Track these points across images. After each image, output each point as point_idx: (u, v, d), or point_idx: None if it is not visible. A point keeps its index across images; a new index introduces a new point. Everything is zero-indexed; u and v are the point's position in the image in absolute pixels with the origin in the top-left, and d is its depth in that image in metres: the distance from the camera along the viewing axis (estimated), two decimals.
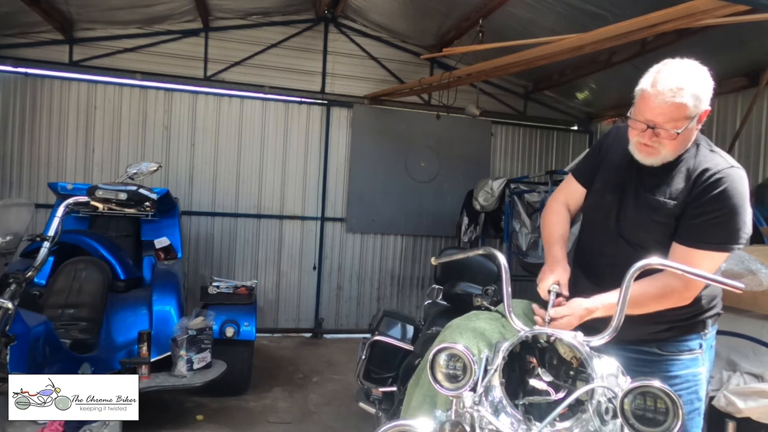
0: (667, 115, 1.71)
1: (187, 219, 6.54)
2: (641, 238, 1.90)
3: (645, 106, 1.75)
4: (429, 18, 6.43)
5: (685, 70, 1.74)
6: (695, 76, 1.74)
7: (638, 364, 1.89)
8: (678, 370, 1.93)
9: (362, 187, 7.16)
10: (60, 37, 6.14)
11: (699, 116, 1.75)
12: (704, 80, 1.75)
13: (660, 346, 1.94)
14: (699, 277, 1.56)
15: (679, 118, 1.71)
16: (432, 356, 1.63)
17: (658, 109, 1.72)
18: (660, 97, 1.71)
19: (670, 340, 1.94)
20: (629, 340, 1.87)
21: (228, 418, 4.20)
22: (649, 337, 1.94)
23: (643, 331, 1.91)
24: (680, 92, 1.69)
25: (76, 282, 4.12)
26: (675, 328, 1.93)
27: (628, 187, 1.94)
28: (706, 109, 1.76)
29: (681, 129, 1.72)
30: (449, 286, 3.40)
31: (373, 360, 3.34)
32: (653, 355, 1.95)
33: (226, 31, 6.69)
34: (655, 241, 1.85)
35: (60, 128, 6.30)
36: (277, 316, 7.04)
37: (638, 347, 1.95)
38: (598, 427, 1.46)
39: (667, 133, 1.73)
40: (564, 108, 7.83)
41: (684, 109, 1.70)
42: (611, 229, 1.97)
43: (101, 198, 2.31)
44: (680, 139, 1.76)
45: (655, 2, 3.78)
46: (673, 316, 1.88)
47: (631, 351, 1.92)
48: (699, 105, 1.73)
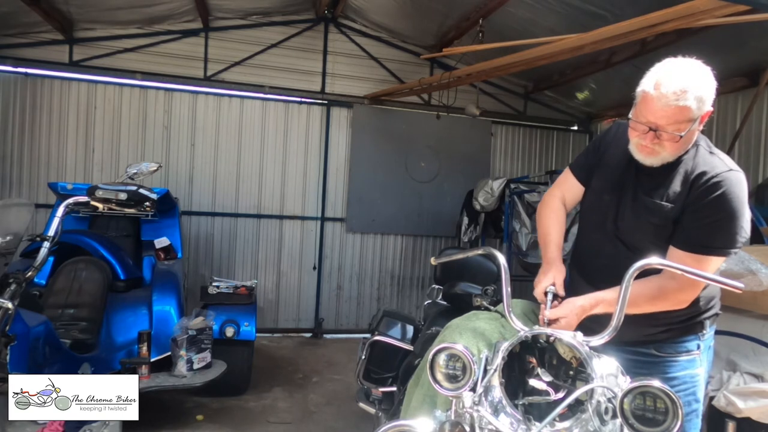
0: (671, 118, 1.68)
1: (187, 219, 6.54)
2: (638, 239, 1.89)
3: (647, 109, 1.72)
4: (429, 18, 6.43)
5: (689, 71, 1.71)
6: (699, 77, 1.71)
7: (636, 366, 1.88)
8: (676, 372, 1.92)
9: (362, 187, 7.16)
10: (60, 37, 6.14)
11: (701, 118, 1.73)
12: (708, 81, 1.71)
13: (657, 347, 1.94)
14: (699, 277, 1.56)
15: (682, 121, 1.68)
16: (432, 356, 1.63)
17: (660, 112, 1.68)
18: (663, 100, 1.67)
19: (668, 341, 1.93)
20: (627, 341, 1.87)
21: (228, 418, 4.20)
22: (646, 339, 1.94)
23: (640, 333, 1.91)
24: (684, 95, 1.65)
25: (76, 282, 4.12)
26: (672, 330, 1.93)
27: (627, 187, 1.93)
28: (709, 110, 1.73)
29: (684, 132, 1.69)
30: (449, 286, 3.40)
31: (373, 360, 3.34)
32: (651, 357, 1.94)
33: (226, 31, 6.69)
34: (650, 243, 1.83)
35: (60, 128, 6.30)
36: (277, 316, 7.04)
37: (636, 348, 1.94)
38: (598, 427, 1.46)
39: (669, 135, 1.71)
40: (564, 108, 7.83)
41: (687, 112, 1.67)
42: (608, 231, 1.96)
43: (101, 198, 2.31)
44: (682, 142, 1.74)
45: (655, 2, 3.78)
46: (671, 317, 1.88)
47: (629, 352, 1.91)
48: (702, 107, 1.70)
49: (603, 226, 1.98)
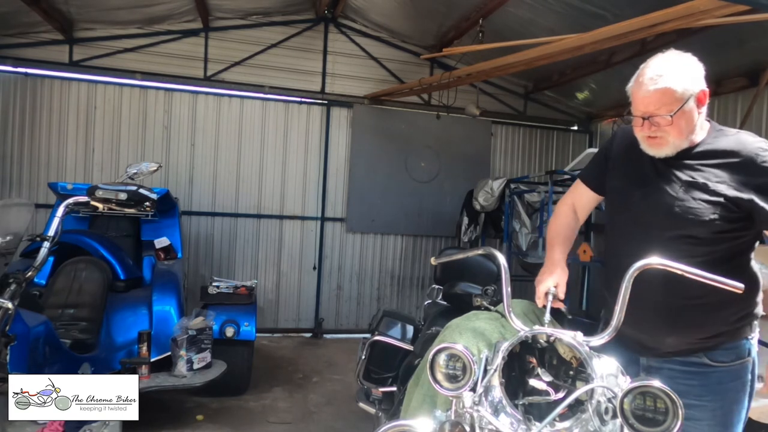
0: (657, 102, 1.73)
1: (187, 219, 6.54)
2: (692, 229, 1.77)
3: (636, 101, 1.79)
4: (429, 18, 6.43)
5: (665, 59, 1.78)
6: (675, 61, 1.77)
7: (686, 377, 1.80)
8: (729, 381, 1.82)
9: (362, 187, 7.16)
10: (60, 37, 6.14)
11: (697, 97, 1.75)
12: (686, 62, 1.77)
13: (710, 355, 1.81)
14: (700, 278, 1.54)
15: (668, 103, 1.72)
16: (432, 356, 1.63)
17: (646, 100, 1.75)
18: (643, 87, 1.75)
19: (719, 347, 1.81)
20: (674, 351, 1.82)
21: (228, 418, 4.20)
22: (695, 346, 1.82)
23: (687, 340, 1.82)
24: (660, 78, 1.72)
25: (76, 282, 4.12)
26: (721, 334, 1.81)
27: (662, 181, 1.84)
28: (702, 89, 1.76)
29: (673, 111, 1.72)
30: (449, 286, 3.40)
31: (373, 360, 3.34)
32: (703, 366, 1.81)
33: (226, 31, 6.70)
34: (709, 229, 1.75)
35: (60, 128, 6.30)
36: (277, 316, 7.04)
37: (685, 358, 1.83)
38: (598, 427, 1.46)
39: (662, 119, 1.74)
40: (564, 108, 7.83)
41: (670, 93, 1.72)
42: (653, 228, 1.84)
43: (101, 198, 2.31)
44: (679, 123, 1.74)
45: (655, 2, 3.78)
46: (719, 320, 1.78)
47: (676, 363, 1.83)
48: (687, 86, 1.73)
49: (646, 225, 1.86)
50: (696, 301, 1.76)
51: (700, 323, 1.80)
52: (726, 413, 1.82)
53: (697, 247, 1.75)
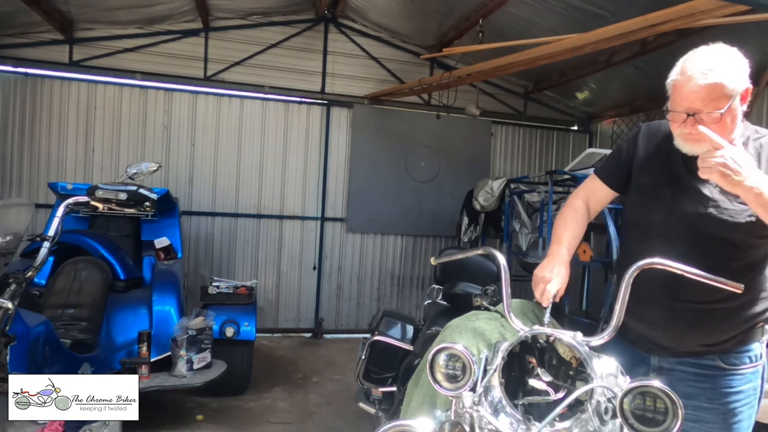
0: (705, 98, 1.59)
1: (187, 219, 6.54)
2: (726, 232, 1.70)
3: (680, 96, 1.64)
4: (429, 18, 6.43)
5: (712, 51, 1.66)
6: (724, 54, 1.65)
7: (698, 380, 1.78)
8: (741, 386, 1.78)
9: (362, 187, 7.16)
10: (60, 37, 6.14)
11: (741, 95, 1.64)
12: (735, 57, 1.66)
13: (724, 358, 1.78)
14: (700, 278, 1.53)
15: (717, 98, 1.59)
16: (431, 356, 1.63)
17: (693, 95, 1.61)
18: (692, 81, 1.60)
19: (733, 350, 1.78)
20: (689, 351, 1.79)
21: (228, 418, 4.20)
22: (710, 348, 1.79)
23: (704, 340, 1.79)
24: (711, 72, 1.59)
25: (76, 282, 4.11)
26: (738, 336, 1.78)
27: (696, 180, 1.73)
28: (747, 86, 1.65)
29: (723, 108, 1.59)
30: (449, 286, 3.40)
31: (373, 360, 3.34)
32: (716, 369, 1.78)
33: (226, 31, 6.70)
34: (744, 232, 1.69)
35: (60, 128, 6.30)
36: (277, 316, 7.04)
37: (699, 360, 1.80)
38: (598, 427, 1.46)
39: (710, 116, 1.60)
40: (564, 108, 7.83)
41: (720, 88, 1.59)
42: (684, 228, 1.76)
43: (101, 198, 2.31)
44: (725, 120, 1.62)
45: (655, 2, 3.78)
46: (740, 320, 1.75)
47: (688, 365, 1.81)
48: (737, 82, 1.62)
49: (678, 226, 1.78)
50: (724, 304, 1.71)
51: (725, 327, 1.75)
52: (736, 417, 1.80)
53: (732, 250, 1.69)
